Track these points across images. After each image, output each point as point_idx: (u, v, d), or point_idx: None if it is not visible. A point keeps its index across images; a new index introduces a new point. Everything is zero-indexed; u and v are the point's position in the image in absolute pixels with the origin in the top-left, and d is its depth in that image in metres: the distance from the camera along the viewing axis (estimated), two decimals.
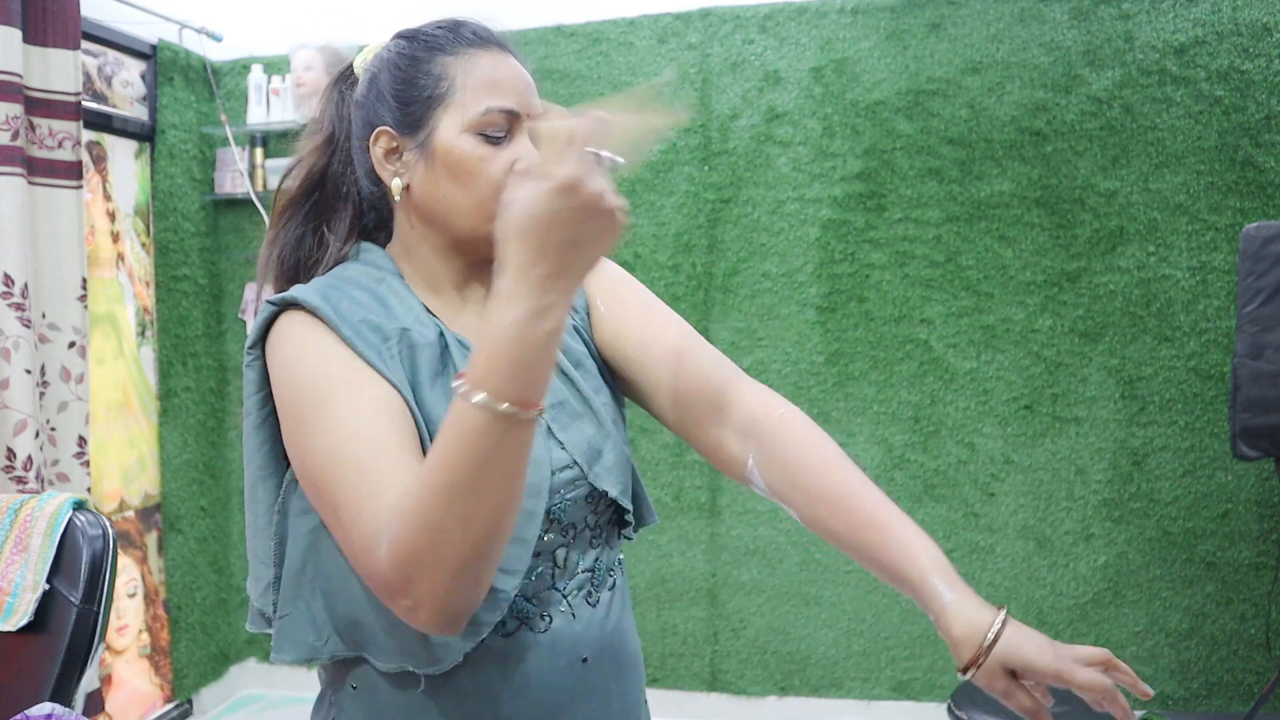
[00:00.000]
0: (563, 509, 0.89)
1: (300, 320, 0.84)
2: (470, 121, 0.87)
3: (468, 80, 0.88)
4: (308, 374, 0.81)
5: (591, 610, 0.92)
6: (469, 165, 0.87)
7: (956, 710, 2.05)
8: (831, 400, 2.74)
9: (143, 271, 2.89)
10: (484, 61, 0.89)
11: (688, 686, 2.87)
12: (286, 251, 0.96)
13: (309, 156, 0.98)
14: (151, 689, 2.87)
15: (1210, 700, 2.56)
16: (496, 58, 0.90)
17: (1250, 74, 2.47)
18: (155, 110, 2.89)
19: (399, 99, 0.90)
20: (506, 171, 0.87)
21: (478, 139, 0.87)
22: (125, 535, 2.79)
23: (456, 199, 0.89)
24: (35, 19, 2.17)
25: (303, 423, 0.80)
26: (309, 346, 0.82)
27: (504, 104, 0.88)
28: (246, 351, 0.87)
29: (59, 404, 2.24)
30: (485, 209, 0.87)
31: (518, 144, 0.89)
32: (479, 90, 0.88)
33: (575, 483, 0.90)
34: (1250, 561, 2.52)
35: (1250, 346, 2.04)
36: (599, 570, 0.94)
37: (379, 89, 0.92)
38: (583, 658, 0.90)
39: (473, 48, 0.90)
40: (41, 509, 1.33)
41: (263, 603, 0.90)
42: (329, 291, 0.87)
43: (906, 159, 2.67)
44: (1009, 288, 2.64)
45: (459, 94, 0.88)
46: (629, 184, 2.82)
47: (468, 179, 0.88)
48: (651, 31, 2.79)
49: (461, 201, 0.89)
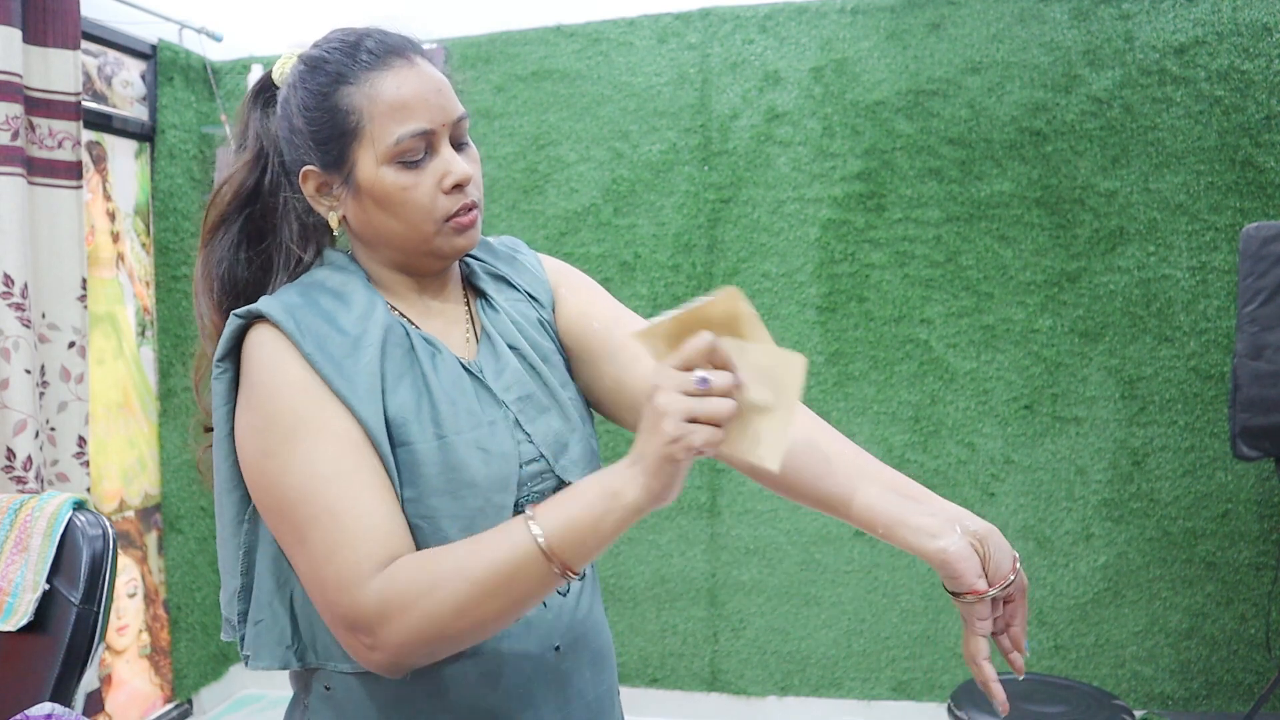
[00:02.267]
0: (530, 501, 0.90)
1: (268, 337, 0.85)
2: (384, 153, 0.87)
3: (374, 109, 0.87)
4: (276, 404, 0.83)
5: (562, 599, 0.93)
6: (394, 195, 0.88)
7: (956, 710, 2.05)
8: (831, 400, 2.74)
9: (143, 271, 2.89)
10: (386, 84, 0.87)
11: (688, 686, 2.87)
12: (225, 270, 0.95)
13: (238, 173, 0.96)
14: (151, 689, 2.87)
15: (1210, 700, 2.56)
16: (398, 74, 0.88)
17: (1250, 74, 2.47)
18: (155, 110, 2.89)
19: (315, 139, 0.90)
20: (434, 192, 0.88)
21: (397, 168, 0.87)
22: (125, 535, 2.79)
23: (390, 226, 0.90)
24: (35, 19, 2.17)
25: (267, 454, 0.82)
26: (277, 372, 0.83)
27: (413, 128, 0.87)
28: (215, 364, 0.88)
29: (59, 404, 2.24)
30: (420, 231, 0.89)
31: (440, 159, 0.89)
32: (386, 119, 0.87)
33: (542, 475, 0.92)
34: (1250, 561, 2.52)
35: (1250, 346, 2.04)
36: None
37: (294, 125, 0.91)
38: (555, 646, 0.91)
39: (372, 70, 0.88)
40: (41, 509, 1.33)
41: (228, 610, 0.91)
42: (295, 304, 0.87)
43: (906, 159, 2.67)
44: (1009, 288, 2.63)
45: (369, 126, 0.87)
46: (629, 184, 2.82)
47: (396, 208, 0.88)
48: (651, 31, 2.79)
49: (396, 228, 0.90)
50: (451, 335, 0.95)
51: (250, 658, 0.89)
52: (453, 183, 0.88)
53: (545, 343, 0.98)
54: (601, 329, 0.99)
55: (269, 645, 0.89)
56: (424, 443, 0.85)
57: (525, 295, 1.01)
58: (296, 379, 0.83)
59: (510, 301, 1.00)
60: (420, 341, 0.91)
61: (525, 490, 0.90)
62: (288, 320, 0.85)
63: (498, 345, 0.95)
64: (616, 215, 2.84)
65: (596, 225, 2.85)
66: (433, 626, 0.76)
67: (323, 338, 0.85)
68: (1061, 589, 2.64)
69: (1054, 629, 2.64)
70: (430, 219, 0.89)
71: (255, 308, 0.86)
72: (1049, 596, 2.64)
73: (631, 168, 2.83)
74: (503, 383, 0.93)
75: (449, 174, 0.88)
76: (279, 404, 0.83)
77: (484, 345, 0.95)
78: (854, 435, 2.69)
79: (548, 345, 0.98)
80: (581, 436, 0.95)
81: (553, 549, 0.74)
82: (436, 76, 0.90)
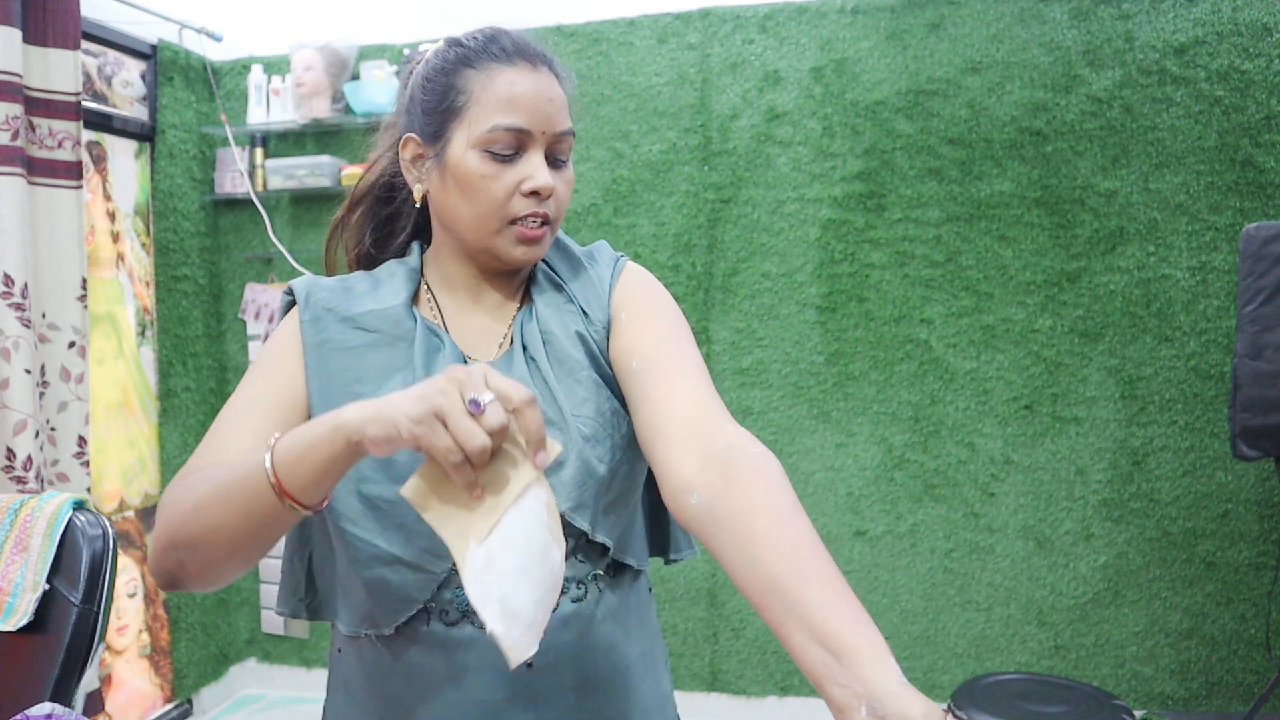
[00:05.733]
0: None
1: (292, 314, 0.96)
2: (477, 138, 0.90)
3: (484, 95, 0.90)
4: (261, 352, 0.95)
5: None
6: (473, 182, 0.90)
7: (956, 710, 2.05)
8: (831, 400, 2.74)
9: (143, 271, 2.89)
10: (504, 77, 0.90)
11: (688, 686, 2.87)
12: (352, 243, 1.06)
13: (385, 152, 1.04)
14: (151, 689, 2.87)
15: (1210, 700, 2.56)
16: (520, 73, 0.91)
17: (1250, 74, 2.47)
18: (155, 110, 2.89)
19: (424, 108, 0.93)
20: (511, 190, 0.90)
21: (484, 156, 0.90)
22: (125, 535, 2.79)
23: (462, 211, 0.92)
24: (35, 19, 2.17)
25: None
26: (278, 332, 0.95)
27: (511, 122, 0.89)
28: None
29: (59, 404, 2.24)
30: (486, 224, 0.91)
31: (527, 162, 0.90)
32: (491, 107, 0.89)
33: None
34: (1250, 561, 2.52)
35: (1250, 346, 2.04)
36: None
37: (413, 95, 0.96)
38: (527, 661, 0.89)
39: (498, 62, 0.91)
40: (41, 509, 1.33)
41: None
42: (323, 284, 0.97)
43: (906, 159, 2.67)
44: (1009, 288, 2.64)
45: (473, 109, 0.90)
46: (629, 184, 2.82)
47: (471, 194, 0.91)
48: (651, 31, 2.79)
49: (465, 214, 0.92)
50: (487, 336, 0.97)
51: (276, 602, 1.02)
52: (531, 188, 0.89)
53: (576, 355, 0.93)
54: (640, 369, 0.90)
55: (285, 594, 1.00)
56: None
57: (578, 308, 0.97)
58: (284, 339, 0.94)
59: (554, 310, 0.96)
60: (424, 335, 0.92)
61: None
62: (301, 294, 0.95)
63: (517, 354, 0.94)
64: (616, 215, 2.84)
65: (596, 225, 2.85)
66: (170, 525, 0.80)
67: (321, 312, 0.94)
68: (1061, 589, 2.64)
69: (1054, 629, 2.64)
70: (498, 215, 0.90)
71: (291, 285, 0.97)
72: (1049, 596, 2.64)
73: (631, 168, 2.82)
74: None
75: (530, 178, 0.90)
76: (262, 351, 0.95)
77: (510, 351, 0.95)
78: (854, 435, 2.71)
79: (577, 359, 0.93)
80: (581, 460, 0.89)
81: (275, 461, 0.75)
82: (555, 89, 0.93)
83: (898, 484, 2.72)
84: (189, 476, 0.83)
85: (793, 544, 0.71)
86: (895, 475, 2.72)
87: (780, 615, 0.69)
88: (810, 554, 0.70)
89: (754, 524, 0.72)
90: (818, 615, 0.67)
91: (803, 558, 0.70)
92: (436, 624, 0.90)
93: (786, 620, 0.68)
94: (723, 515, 0.74)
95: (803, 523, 0.73)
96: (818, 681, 0.66)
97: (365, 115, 2.87)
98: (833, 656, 0.64)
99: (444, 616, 0.90)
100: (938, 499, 2.70)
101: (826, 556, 0.71)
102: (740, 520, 0.73)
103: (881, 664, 0.63)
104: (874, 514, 2.74)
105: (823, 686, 0.65)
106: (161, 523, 0.82)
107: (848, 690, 0.63)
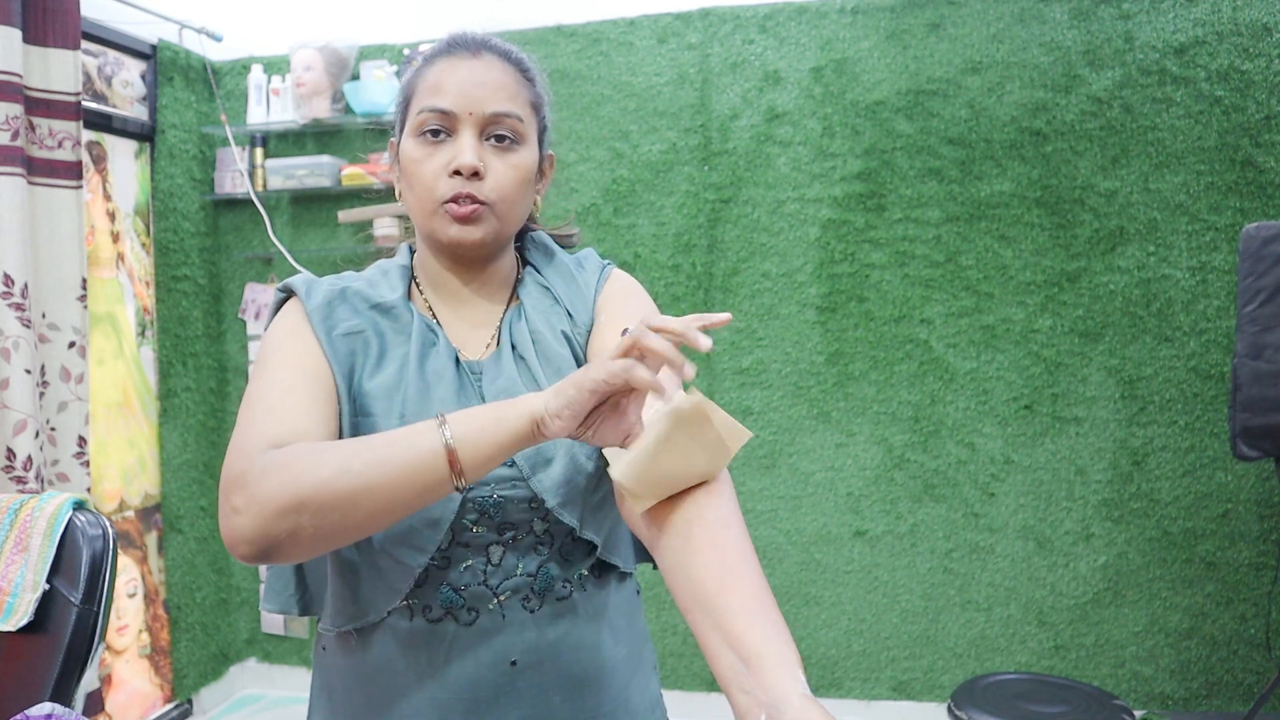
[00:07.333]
0: (495, 504, 0.90)
1: (292, 305, 0.95)
2: (412, 125, 0.94)
3: (420, 86, 0.94)
4: (269, 341, 0.92)
5: (528, 616, 0.92)
6: (409, 166, 0.94)
7: (956, 710, 2.05)
8: (831, 400, 2.74)
9: (143, 271, 2.89)
10: (438, 66, 0.94)
11: (688, 686, 2.87)
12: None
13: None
14: (151, 689, 2.87)
15: (1210, 700, 2.56)
16: (455, 61, 0.93)
17: (1250, 74, 2.47)
18: (155, 110, 2.89)
19: (397, 109, 0.99)
20: (439, 172, 0.92)
21: (417, 140, 0.93)
22: (125, 535, 2.79)
23: (408, 197, 0.96)
24: (35, 19, 2.17)
25: (252, 375, 0.90)
26: (281, 321, 0.93)
27: (435, 104, 0.92)
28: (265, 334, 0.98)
29: (59, 404, 2.24)
30: (424, 207, 0.93)
31: (456, 143, 0.92)
32: (423, 93, 0.93)
33: (512, 481, 0.90)
34: (1250, 561, 2.52)
35: (1250, 346, 2.04)
36: (545, 579, 0.93)
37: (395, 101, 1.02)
38: (511, 660, 0.91)
39: (440, 55, 0.95)
40: (41, 509, 1.33)
41: None
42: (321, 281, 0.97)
43: (906, 159, 2.67)
44: (1009, 288, 2.64)
45: (414, 101, 0.95)
46: (629, 184, 2.82)
47: (410, 179, 0.94)
48: (651, 31, 2.79)
49: (410, 200, 0.95)
50: (474, 336, 0.97)
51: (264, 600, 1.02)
52: (453, 167, 0.91)
53: (563, 352, 0.96)
54: None
55: (276, 591, 1.01)
56: (385, 418, 0.89)
57: (564, 310, 1.00)
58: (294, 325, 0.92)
59: (542, 312, 0.99)
60: (421, 329, 0.93)
61: (488, 489, 0.89)
62: (303, 288, 0.94)
63: (506, 353, 0.95)
64: (616, 215, 2.84)
65: (596, 225, 2.85)
66: (300, 488, 0.74)
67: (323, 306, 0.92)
68: (1061, 589, 2.64)
69: (1054, 629, 2.64)
70: (431, 197, 0.92)
71: (289, 281, 0.96)
72: (1049, 596, 2.64)
73: (631, 168, 2.82)
74: (496, 387, 0.93)
75: (455, 159, 0.91)
76: (271, 341, 0.91)
77: (498, 351, 0.96)
78: (854, 435, 2.71)
79: (565, 357, 0.96)
80: (570, 460, 0.91)
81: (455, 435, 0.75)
82: (491, 74, 0.93)
83: (898, 484, 2.72)
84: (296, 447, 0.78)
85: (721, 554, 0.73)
86: (895, 475, 2.72)
87: (700, 620, 0.71)
88: (736, 564, 0.72)
89: (690, 531, 0.75)
90: (733, 622, 0.68)
91: (729, 567, 0.72)
92: (420, 620, 0.91)
93: (704, 625, 0.71)
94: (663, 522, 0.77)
95: (737, 534, 0.75)
96: (726, 686, 0.68)
97: (365, 115, 2.87)
98: (742, 663, 0.66)
99: (427, 613, 0.91)
100: (938, 499, 2.70)
101: (755, 568, 0.73)
102: (678, 527, 0.76)
103: (787, 674, 0.64)
104: (874, 514, 2.74)
105: (730, 692, 0.67)
106: (279, 486, 0.75)
107: (751, 697, 0.65)
